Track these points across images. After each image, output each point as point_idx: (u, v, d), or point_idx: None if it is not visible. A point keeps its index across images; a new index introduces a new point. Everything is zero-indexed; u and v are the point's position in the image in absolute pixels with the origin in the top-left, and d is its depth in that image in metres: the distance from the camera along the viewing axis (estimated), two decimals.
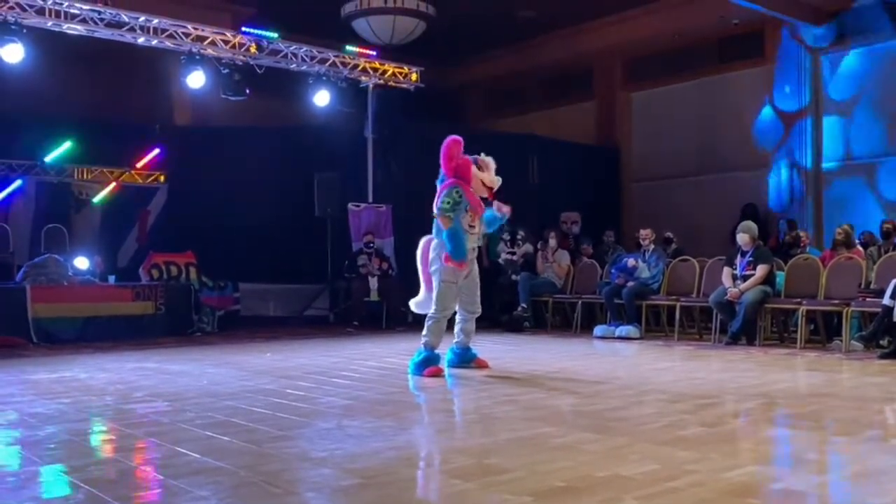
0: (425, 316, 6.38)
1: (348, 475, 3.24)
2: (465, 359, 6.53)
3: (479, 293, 6.46)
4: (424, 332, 6.30)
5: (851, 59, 12.04)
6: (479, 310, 6.50)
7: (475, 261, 6.43)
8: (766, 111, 12.74)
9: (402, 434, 4.16)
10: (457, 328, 6.52)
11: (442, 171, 6.29)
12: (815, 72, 12.32)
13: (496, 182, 6.31)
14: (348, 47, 11.56)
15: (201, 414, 4.59)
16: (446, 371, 6.29)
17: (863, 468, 3.47)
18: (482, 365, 6.53)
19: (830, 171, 12.26)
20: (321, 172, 11.74)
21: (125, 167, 12.33)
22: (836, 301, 8.11)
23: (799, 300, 8.36)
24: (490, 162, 6.35)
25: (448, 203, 6.12)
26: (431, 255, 6.31)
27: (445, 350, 6.58)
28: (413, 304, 6.67)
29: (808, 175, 12.31)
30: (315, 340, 9.43)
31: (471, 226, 6.23)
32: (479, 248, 6.55)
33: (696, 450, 3.60)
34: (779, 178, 12.60)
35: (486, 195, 6.32)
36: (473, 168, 6.22)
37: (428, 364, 6.16)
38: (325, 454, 3.60)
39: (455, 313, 6.45)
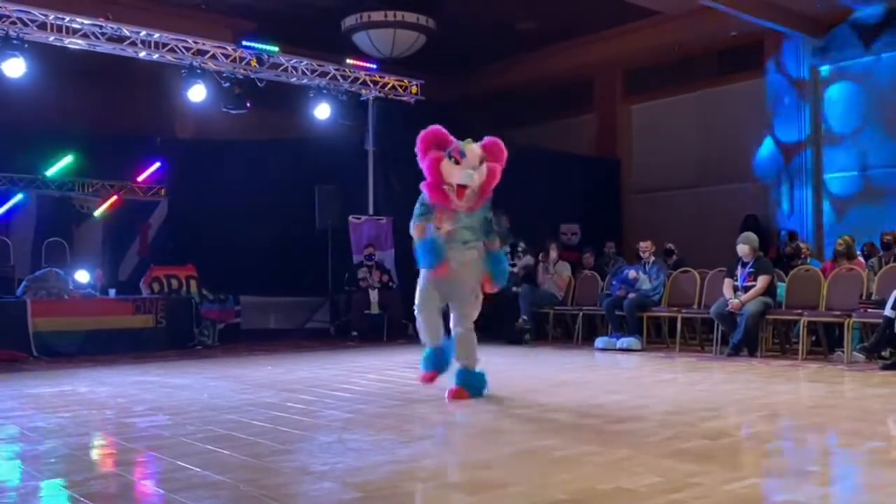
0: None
1: (349, 489, 3.24)
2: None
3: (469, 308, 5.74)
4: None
5: (852, 71, 12.08)
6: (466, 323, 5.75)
7: (468, 268, 5.66)
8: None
9: (403, 448, 4.15)
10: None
11: None
12: (814, 83, 12.36)
13: (465, 180, 5.48)
14: (349, 60, 11.59)
15: (202, 428, 4.58)
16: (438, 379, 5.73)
17: (865, 480, 3.47)
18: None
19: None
20: (322, 185, 11.75)
21: (126, 181, 12.35)
22: (838, 312, 8.09)
23: (800, 311, 8.35)
24: (471, 150, 5.59)
25: (418, 212, 5.68)
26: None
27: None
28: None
29: (808, 186, 12.33)
30: (316, 353, 9.42)
31: (437, 227, 5.62)
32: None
33: (698, 462, 3.59)
34: (779, 189, 12.61)
35: (455, 194, 5.51)
36: (444, 164, 5.51)
37: (424, 365, 5.76)
38: (326, 468, 3.59)
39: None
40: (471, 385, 5.69)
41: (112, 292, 10.29)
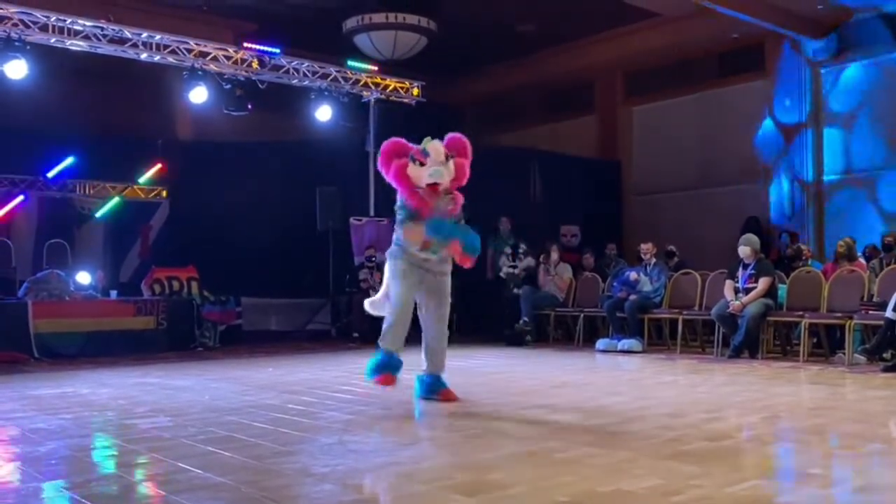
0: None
1: (350, 491, 3.24)
2: (433, 389, 5.69)
3: (440, 319, 5.66)
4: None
5: (852, 72, 12.09)
6: (441, 336, 5.66)
7: (444, 278, 5.63)
8: (767, 124, 12.78)
9: (403, 449, 4.15)
10: (422, 353, 5.73)
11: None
12: (815, 85, 12.37)
13: (435, 177, 5.35)
14: (350, 62, 11.60)
15: (203, 429, 4.58)
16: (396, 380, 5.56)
17: (867, 482, 3.46)
18: (449, 398, 5.62)
19: (830, 183, 12.32)
20: (323, 187, 11.76)
21: (127, 182, 12.36)
22: (839, 314, 8.09)
23: (801, 313, 8.34)
24: (433, 148, 5.42)
25: (402, 216, 5.52)
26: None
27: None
28: (367, 303, 6.08)
29: (808, 187, 12.34)
30: (317, 355, 9.42)
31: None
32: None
33: (699, 464, 3.59)
34: (780, 191, 12.62)
35: (428, 194, 5.41)
36: (410, 168, 5.42)
37: (379, 370, 5.51)
38: (327, 470, 3.59)
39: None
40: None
41: (113, 294, 10.29)
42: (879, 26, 11.55)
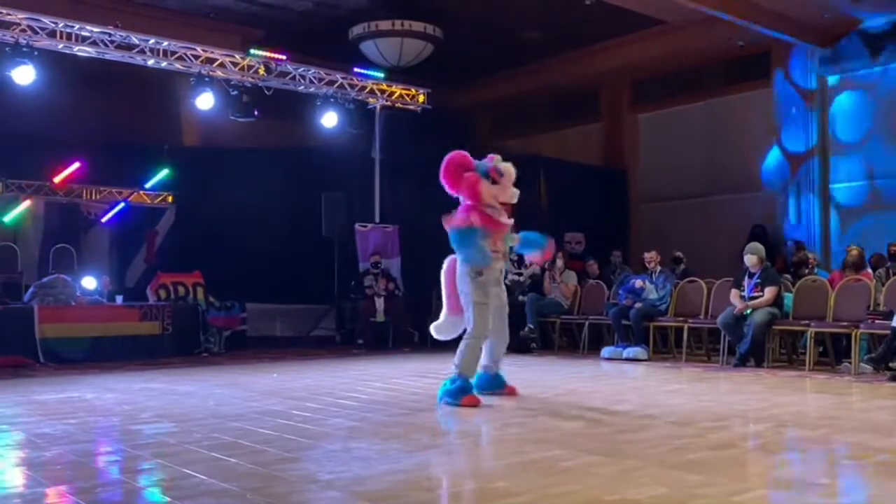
0: (458, 339, 5.93)
1: (355, 498, 3.23)
2: (494, 385, 6.09)
3: (507, 320, 6.12)
4: (457, 358, 5.78)
5: (858, 80, 12.09)
6: (507, 337, 6.16)
7: (503, 285, 6.09)
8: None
9: (409, 457, 4.14)
10: (484, 352, 5.98)
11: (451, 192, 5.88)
12: (821, 93, 12.36)
13: (512, 198, 5.89)
14: (356, 69, 11.64)
15: (208, 435, 4.58)
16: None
17: (873, 493, 3.45)
18: (511, 392, 6.10)
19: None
20: (328, 193, 11.78)
21: (134, 187, 12.41)
22: (845, 323, 8.06)
23: (807, 322, 8.32)
24: (508, 170, 5.85)
25: (479, 237, 5.69)
26: (458, 275, 5.86)
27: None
28: (433, 329, 6.19)
29: (815, 196, 12.34)
30: (322, 361, 9.42)
31: (494, 250, 5.81)
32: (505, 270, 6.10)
33: (704, 473, 3.58)
34: (786, 202, 12.61)
35: (503, 213, 5.85)
36: (482, 184, 5.74)
37: (463, 393, 5.69)
38: (332, 476, 3.58)
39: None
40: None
41: (119, 299, 10.32)
42: (885, 34, 11.54)
